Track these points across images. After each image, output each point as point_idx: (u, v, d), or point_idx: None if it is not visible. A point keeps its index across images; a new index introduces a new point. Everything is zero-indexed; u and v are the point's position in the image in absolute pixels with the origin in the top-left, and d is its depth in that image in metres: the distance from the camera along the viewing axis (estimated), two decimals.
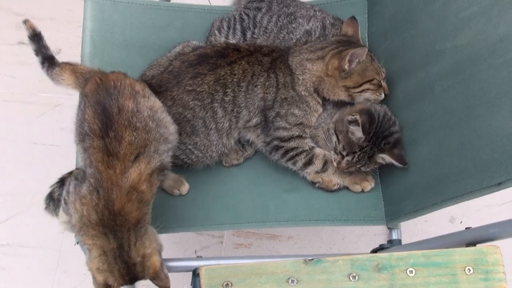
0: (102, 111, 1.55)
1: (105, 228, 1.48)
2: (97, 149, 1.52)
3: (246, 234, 2.51)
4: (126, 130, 1.54)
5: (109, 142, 1.52)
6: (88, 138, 1.55)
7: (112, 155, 1.52)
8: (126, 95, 1.60)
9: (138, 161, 1.54)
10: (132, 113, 1.57)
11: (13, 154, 2.56)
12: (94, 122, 1.55)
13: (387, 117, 1.83)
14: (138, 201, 1.52)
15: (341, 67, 1.85)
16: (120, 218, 1.49)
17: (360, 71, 1.87)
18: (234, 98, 1.84)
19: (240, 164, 1.97)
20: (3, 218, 2.44)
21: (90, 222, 1.49)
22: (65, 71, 1.79)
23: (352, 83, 1.87)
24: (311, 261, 1.38)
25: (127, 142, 1.53)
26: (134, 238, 1.51)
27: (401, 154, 1.80)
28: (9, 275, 2.37)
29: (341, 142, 1.85)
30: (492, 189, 1.48)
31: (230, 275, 1.35)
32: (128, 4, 2.07)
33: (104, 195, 1.49)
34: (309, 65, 1.90)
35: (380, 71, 1.90)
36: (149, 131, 1.59)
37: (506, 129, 1.46)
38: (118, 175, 1.51)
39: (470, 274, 1.39)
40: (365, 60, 1.87)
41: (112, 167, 1.51)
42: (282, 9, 2.08)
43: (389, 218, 1.89)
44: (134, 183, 1.51)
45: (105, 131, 1.53)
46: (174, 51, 1.97)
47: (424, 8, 1.79)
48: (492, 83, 1.51)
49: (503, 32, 1.49)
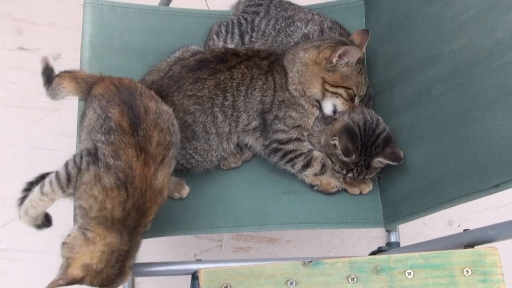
0: (130, 110, 1.55)
1: (125, 228, 1.49)
2: (128, 145, 1.51)
3: (245, 237, 2.51)
4: (155, 130, 1.55)
5: (140, 140, 1.52)
6: (115, 133, 1.52)
7: (145, 153, 1.52)
8: (148, 97, 1.61)
9: (163, 164, 1.55)
10: (156, 114, 1.58)
11: (13, 158, 2.56)
12: (123, 119, 1.53)
13: (368, 123, 1.83)
14: (159, 205, 1.55)
15: (330, 58, 1.84)
16: (144, 220, 1.51)
17: (344, 73, 1.86)
18: (233, 102, 1.85)
19: (238, 167, 1.97)
20: (3, 222, 2.44)
21: (112, 217, 1.48)
22: (64, 79, 1.78)
23: (331, 80, 1.86)
24: (310, 263, 1.38)
25: (156, 142, 1.54)
26: (137, 245, 1.53)
27: (393, 151, 1.81)
28: (8, 279, 2.37)
29: (336, 163, 1.86)
30: (490, 191, 1.49)
31: (229, 278, 1.35)
32: (127, 9, 2.08)
33: (134, 194, 1.49)
34: (302, 53, 1.90)
35: (361, 87, 1.89)
36: (171, 134, 1.60)
37: (502, 131, 1.47)
38: (152, 175, 1.52)
39: (469, 276, 1.39)
40: (353, 68, 1.86)
41: (147, 165, 1.51)
42: (280, 13, 2.09)
43: (387, 221, 1.90)
44: (162, 187, 1.54)
45: (135, 129, 1.53)
46: (173, 56, 1.97)
47: (421, 12, 1.80)
48: (489, 87, 1.52)
49: (499, 36, 1.50)
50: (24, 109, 2.65)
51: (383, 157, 1.80)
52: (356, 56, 1.83)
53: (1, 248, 2.41)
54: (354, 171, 1.84)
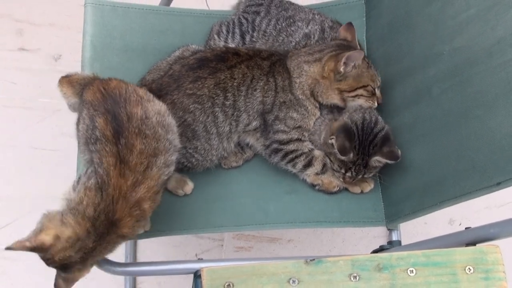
0: (113, 119, 1.54)
1: (93, 227, 1.48)
2: (110, 153, 1.51)
3: (247, 237, 2.51)
4: (137, 138, 1.53)
5: (121, 149, 1.52)
6: (100, 142, 1.53)
7: (124, 163, 1.51)
8: (133, 102, 1.59)
9: (147, 175, 1.53)
10: (141, 120, 1.56)
11: (13, 159, 2.56)
12: (107, 128, 1.53)
13: (367, 122, 1.84)
14: (137, 219, 1.53)
15: (337, 69, 1.85)
16: (113, 228, 1.50)
17: (355, 76, 1.86)
18: (234, 102, 1.85)
19: (239, 166, 1.98)
20: (4, 223, 2.44)
21: (84, 214, 1.49)
22: (63, 85, 1.79)
23: (347, 87, 1.87)
24: (312, 262, 1.38)
25: (138, 151, 1.52)
26: (106, 250, 1.53)
27: (390, 150, 1.81)
28: (10, 280, 2.37)
29: (334, 162, 1.87)
30: (491, 189, 1.49)
31: (231, 276, 1.36)
32: (128, 9, 2.09)
33: (106, 200, 1.49)
34: (306, 67, 1.90)
35: (376, 79, 1.90)
36: (159, 139, 1.58)
37: (503, 130, 1.47)
38: (128, 187, 1.51)
39: (471, 274, 1.40)
40: (361, 66, 1.86)
41: (124, 176, 1.50)
42: (281, 13, 2.09)
43: (389, 219, 1.90)
44: (140, 199, 1.52)
45: (117, 138, 1.53)
46: (173, 55, 1.98)
47: (422, 11, 1.80)
48: (490, 85, 1.52)
49: (500, 35, 1.51)
50: (24, 110, 2.65)
51: (380, 156, 1.81)
52: (359, 57, 1.83)
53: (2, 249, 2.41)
54: (352, 170, 1.84)
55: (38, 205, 2.42)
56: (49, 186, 2.49)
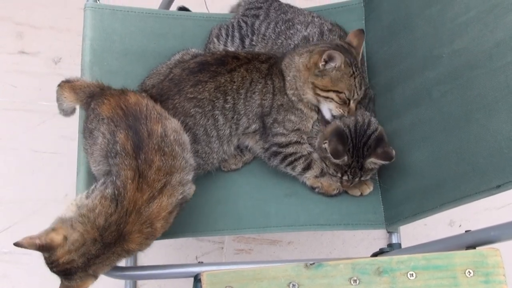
0: (134, 134, 1.56)
1: (101, 237, 1.49)
2: (129, 167, 1.53)
3: (247, 239, 2.52)
4: (156, 154, 1.55)
5: (140, 163, 1.53)
6: (120, 156, 1.55)
7: (143, 177, 1.52)
8: (153, 119, 1.61)
9: (162, 193, 1.54)
10: (161, 137, 1.58)
11: (14, 162, 2.57)
12: (127, 143, 1.55)
13: (359, 124, 1.84)
14: (146, 236, 1.53)
15: (317, 64, 1.84)
16: (120, 241, 1.50)
17: (333, 77, 1.84)
18: (234, 105, 1.85)
19: (238, 169, 1.98)
20: (5, 226, 2.45)
21: (94, 223, 1.49)
22: (64, 90, 1.80)
23: (321, 84, 1.85)
24: (312, 265, 1.38)
25: (156, 167, 1.54)
26: (109, 260, 1.53)
27: (384, 151, 1.81)
28: (11, 283, 2.37)
29: (330, 166, 1.87)
30: (491, 192, 1.49)
31: (231, 280, 1.35)
32: (127, 12, 2.09)
33: (120, 212, 1.50)
34: (297, 58, 1.90)
35: (354, 91, 1.86)
36: (175, 157, 1.59)
37: (503, 133, 1.47)
38: (144, 201, 1.51)
39: (471, 277, 1.39)
40: (344, 71, 1.83)
41: (141, 190, 1.51)
42: (280, 16, 2.09)
43: (388, 222, 1.90)
44: (152, 217, 1.52)
45: (137, 153, 1.54)
46: (173, 59, 1.97)
47: (421, 14, 1.80)
48: (490, 88, 1.52)
49: (499, 37, 1.50)
50: (25, 113, 2.66)
51: (375, 157, 1.81)
52: (337, 58, 1.81)
53: (3, 252, 2.41)
54: (348, 173, 1.84)
55: (39, 208, 2.45)
56: (49, 189, 2.50)
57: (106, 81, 1.84)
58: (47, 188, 2.51)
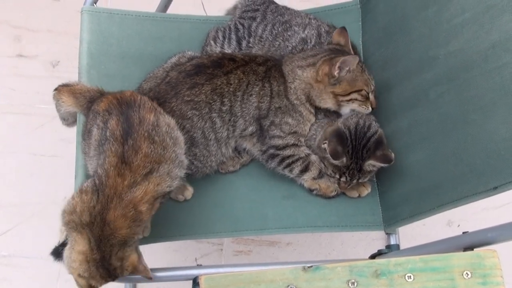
0: (125, 120, 1.57)
1: (91, 234, 1.48)
2: (113, 153, 1.52)
3: (246, 241, 2.52)
4: (145, 141, 1.55)
5: (126, 149, 1.53)
6: (107, 142, 1.55)
7: (126, 163, 1.52)
8: (147, 108, 1.62)
9: (148, 179, 1.53)
10: (152, 126, 1.58)
11: (13, 165, 2.57)
12: (117, 128, 1.55)
13: (360, 127, 1.85)
14: (132, 219, 1.51)
15: (331, 73, 1.85)
16: (107, 230, 1.49)
17: (349, 80, 1.86)
18: (231, 107, 1.85)
19: (236, 171, 1.98)
20: (4, 229, 2.45)
21: (80, 221, 1.49)
22: (63, 94, 1.79)
23: (341, 91, 1.87)
24: (310, 268, 1.38)
25: (143, 154, 1.53)
26: (117, 250, 1.52)
27: (383, 153, 1.82)
28: (11, 286, 2.38)
29: (328, 167, 1.88)
30: (488, 194, 1.49)
31: (229, 284, 1.36)
32: (124, 16, 2.09)
33: (102, 200, 1.49)
34: (300, 72, 1.90)
35: (370, 83, 1.90)
36: (166, 148, 1.59)
37: (500, 134, 1.47)
38: (124, 186, 1.51)
39: (468, 279, 1.40)
40: (355, 70, 1.86)
41: (122, 175, 1.51)
42: (277, 18, 2.09)
43: (386, 224, 1.90)
44: (136, 201, 1.51)
45: (125, 138, 1.54)
46: (170, 62, 1.98)
47: (417, 15, 1.80)
48: (486, 89, 1.52)
49: (495, 39, 1.51)
50: (23, 116, 2.66)
51: (374, 160, 1.82)
52: (354, 62, 1.83)
53: (3, 255, 2.42)
54: (347, 174, 1.85)
55: (38, 211, 2.45)
56: (49, 191, 2.50)
57: (104, 84, 1.84)
58: (46, 191, 2.51)
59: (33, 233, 2.44)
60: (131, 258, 1.53)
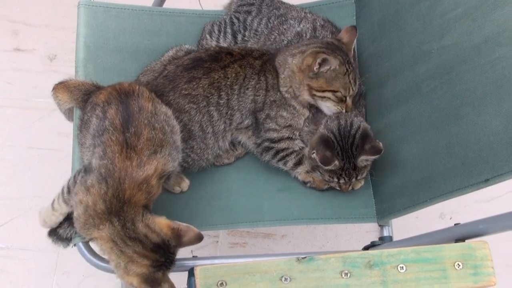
0: (125, 109, 1.60)
1: (111, 215, 1.50)
2: (115, 142, 1.55)
3: (241, 233, 2.53)
4: (146, 128, 1.58)
5: (129, 136, 1.56)
6: (107, 132, 1.57)
7: (130, 148, 1.55)
8: (145, 98, 1.65)
9: (155, 158, 1.57)
10: (151, 114, 1.62)
11: (11, 158, 2.58)
12: (116, 117, 1.58)
13: (342, 126, 1.85)
14: (147, 192, 1.55)
15: (311, 66, 1.85)
16: (128, 205, 1.51)
17: (328, 78, 1.86)
18: (228, 101, 1.86)
19: (231, 163, 1.99)
20: (2, 222, 2.46)
21: (96, 212, 1.51)
22: (58, 91, 1.82)
23: (316, 86, 1.87)
24: (303, 259, 1.39)
25: (145, 138, 1.57)
26: (140, 216, 1.53)
27: (372, 146, 1.82)
28: (8, 278, 2.39)
29: (325, 174, 1.88)
30: (480, 186, 1.50)
31: (224, 274, 1.37)
32: (121, 10, 2.10)
33: (113, 185, 1.51)
34: (290, 59, 1.91)
35: (348, 88, 1.88)
36: (165, 133, 1.63)
37: (492, 127, 1.48)
38: (134, 167, 1.53)
39: (460, 269, 1.41)
40: (338, 71, 1.85)
41: (129, 158, 1.54)
42: (272, 11, 2.10)
43: (380, 216, 1.92)
44: (148, 176, 1.54)
45: (126, 126, 1.57)
46: (167, 55, 1.99)
47: (411, 10, 1.81)
48: (478, 83, 1.53)
49: (487, 33, 1.52)
50: (21, 110, 2.67)
51: (364, 154, 1.83)
52: (334, 64, 1.83)
53: (0, 247, 2.42)
54: (343, 176, 1.86)
55: (35, 204, 2.46)
56: (46, 185, 2.51)
57: (100, 78, 1.86)
58: (43, 184, 2.52)
59: (30, 225, 2.45)
60: (159, 221, 1.54)
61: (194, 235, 1.56)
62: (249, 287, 1.36)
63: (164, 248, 1.52)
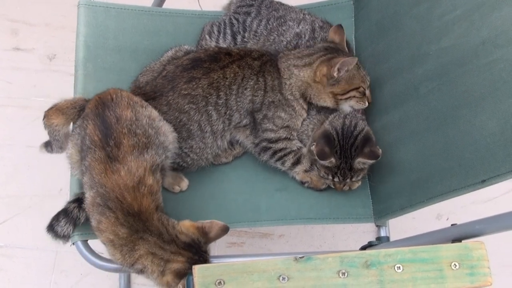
0: (102, 122, 1.59)
1: (138, 232, 1.52)
2: (98, 161, 1.55)
3: (239, 233, 2.54)
4: (125, 137, 1.58)
5: (110, 150, 1.56)
6: (89, 152, 1.57)
7: (114, 160, 1.55)
8: (123, 106, 1.64)
9: (142, 159, 1.57)
10: (130, 121, 1.61)
11: (10, 157, 2.59)
12: (95, 133, 1.58)
13: (346, 126, 1.87)
14: (150, 193, 1.56)
15: (330, 74, 1.87)
16: (143, 215, 1.53)
17: (347, 79, 1.89)
18: (226, 100, 1.87)
19: (229, 162, 2.00)
20: (1, 220, 2.46)
21: (123, 240, 1.53)
22: (51, 116, 1.77)
23: (339, 90, 1.90)
24: (301, 259, 1.39)
25: (126, 146, 1.57)
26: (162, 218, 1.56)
27: (370, 150, 1.83)
28: (7, 276, 2.39)
29: (321, 169, 1.89)
30: (477, 187, 1.51)
31: (222, 273, 1.36)
32: (120, 9, 2.11)
33: (116, 205, 1.53)
34: (296, 71, 1.92)
35: (366, 80, 1.93)
36: (149, 137, 1.63)
37: (489, 128, 1.48)
38: (123, 177, 1.54)
39: (456, 270, 1.41)
40: (352, 68, 1.88)
41: (116, 171, 1.54)
42: (271, 13, 2.11)
43: (377, 216, 1.93)
44: (141, 178, 1.55)
45: (105, 141, 1.57)
46: (166, 56, 2.00)
47: (409, 11, 1.82)
48: (476, 84, 1.54)
49: (485, 35, 1.52)
50: (20, 109, 2.67)
51: (362, 157, 1.83)
52: (353, 63, 1.86)
53: None
54: (338, 174, 1.86)
55: (34, 203, 2.46)
56: (45, 184, 2.51)
57: (100, 78, 1.87)
58: (42, 183, 2.52)
59: (29, 224, 2.46)
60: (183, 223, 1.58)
61: (219, 228, 1.60)
62: (247, 286, 1.36)
63: (195, 246, 1.56)
